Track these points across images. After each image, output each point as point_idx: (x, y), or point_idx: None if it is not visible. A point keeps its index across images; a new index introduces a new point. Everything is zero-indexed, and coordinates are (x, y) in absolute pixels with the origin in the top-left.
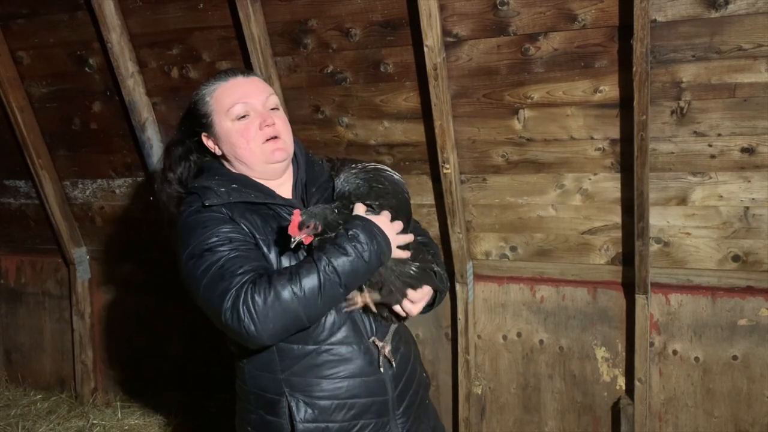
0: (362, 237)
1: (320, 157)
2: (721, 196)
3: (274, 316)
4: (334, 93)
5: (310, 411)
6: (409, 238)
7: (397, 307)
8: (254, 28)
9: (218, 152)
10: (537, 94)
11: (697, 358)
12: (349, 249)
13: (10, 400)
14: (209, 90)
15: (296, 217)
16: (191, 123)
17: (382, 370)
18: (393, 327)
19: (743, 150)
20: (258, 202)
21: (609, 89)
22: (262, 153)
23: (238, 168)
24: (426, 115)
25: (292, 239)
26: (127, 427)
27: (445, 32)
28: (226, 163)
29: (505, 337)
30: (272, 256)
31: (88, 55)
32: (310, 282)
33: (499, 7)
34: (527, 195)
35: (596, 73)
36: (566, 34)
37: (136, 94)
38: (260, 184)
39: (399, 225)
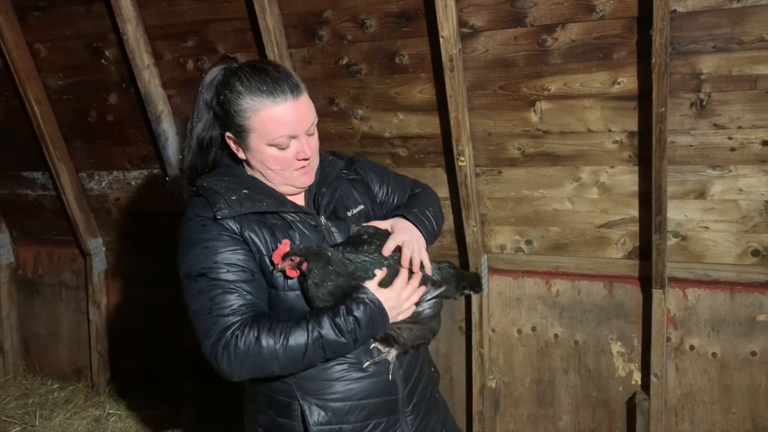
0: (362, 322)
1: (328, 151)
2: (741, 190)
3: (251, 366)
4: (348, 85)
5: (323, 414)
6: (420, 291)
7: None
8: (269, 19)
9: (241, 156)
10: (554, 86)
11: (714, 354)
12: (346, 333)
13: (28, 389)
14: (252, 105)
15: (284, 246)
16: (218, 117)
17: (390, 377)
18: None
19: (764, 143)
20: (269, 211)
21: (627, 81)
22: (291, 178)
23: (254, 173)
24: (441, 107)
25: (276, 266)
26: (142, 417)
27: (462, 23)
28: (243, 164)
29: (519, 331)
30: (277, 273)
31: (104, 47)
32: (295, 348)
33: None
34: (543, 188)
35: (614, 64)
36: (584, 25)
37: (152, 86)
38: (271, 189)
39: (414, 283)
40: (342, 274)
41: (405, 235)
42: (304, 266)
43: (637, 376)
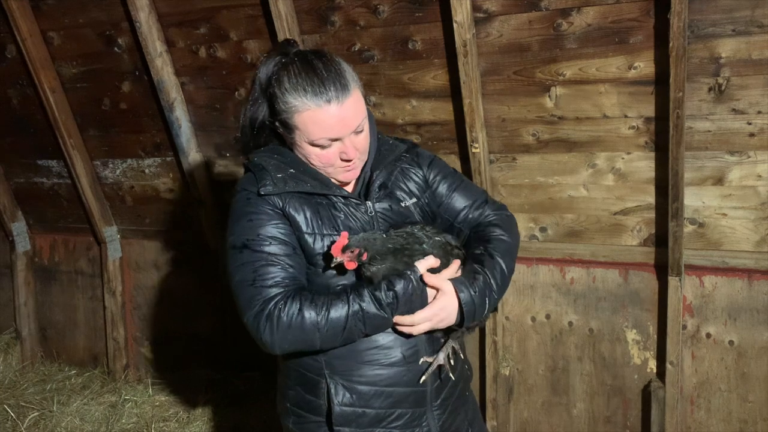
0: (401, 297)
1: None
2: (760, 176)
3: (293, 338)
4: (361, 71)
5: (348, 395)
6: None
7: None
8: (281, 5)
9: (288, 142)
10: (569, 70)
11: (731, 342)
12: (385, 306)
13: (46, 375)
14: (295, 105)
15: (342, 239)
16: (269, 106)
17: (450, 375)
18: (449, 343)
19: None
20: (314, 192)
21: (644, 65)
22: (334, 173)
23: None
24: (455, 93)
25: (334, 259)
26: (158, 403)
27: (475, 8)
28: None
29: (533, 319)
30: (317, 247)
31: (117, 35)
32: (336, 321)
33: None
34: (558, 175)
35: (631, 48)
36: (600, 8)
37: (165, 74)
38: (318, 173)
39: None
40: (400, 260)
41: (443, 311)
42: (365, 257)
43: (652, 364)
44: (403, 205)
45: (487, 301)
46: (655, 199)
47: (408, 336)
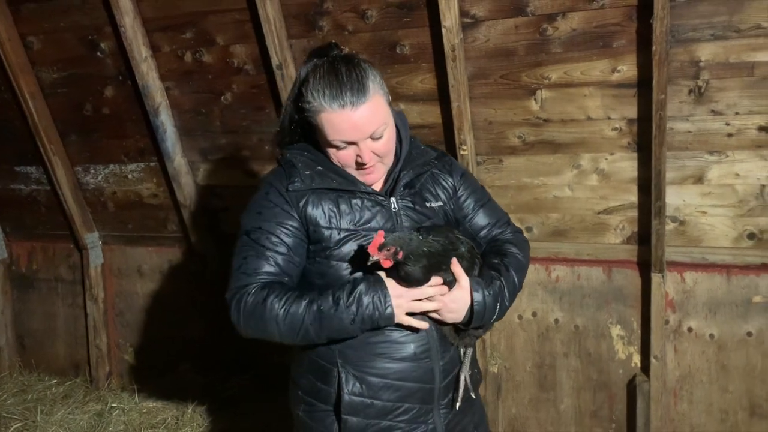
0: (364, 305)
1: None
2: (738, 175)
3: (255, 324)
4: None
5: (358, 385)
6: (429, 305)
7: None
8: (270, 10)
9: (315, 138)
10: (555, 74)
11: (711, 335)
12: (343, 308)
13: (26, 385)
14: (315, 106)
15: (379, 237)
16: (298, 106)
17: (458, 406)
18: (469, 351)
19: (760, 128)
20: (340, 189)
21: (627, 69)
22: (355, 173)
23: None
24: (442, 96)
25: (371, 258)
26: (145, 410)
27: (463, 13)
28: None
29: (520, 317)
30: (334, 240)
31: (100, 40)
32: (293, 315)
33: None
34: (543, 176)
35: (614, 52)
36: (585, 14)
37: (150, 79)
38: (345, 171)
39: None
40: (436, 254)
41: (454, 303)
42: (401, 255)
43: (636, 359)
44: (428, 205)
45: (497, 306)
46: (637, 198)
47: (416, 330)
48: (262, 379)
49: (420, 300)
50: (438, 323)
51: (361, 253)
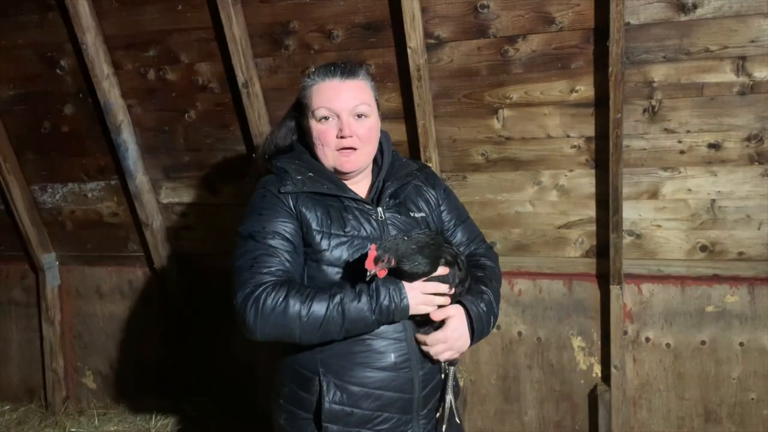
0: (382, 294)
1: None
2: (690, 190)
3: (274, 324)
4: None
5: (339, 394)
6: (440, 299)
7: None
8: (236, 29)
9: (307, 136)
10: (516, 94)
11: (668, 345)
12: (363, 298)
13: None
14: (310, 83)
15: (372, 252)
16: (298, 104)
17: (444, 429)
18: (451, 370)
19: (710, 146)
20: (329, 194)
21: (585, 89)
22: (334, 159)
23: (316, 158)
24: (408, 115)
25: (368, 273)
26: None
27: (427, 34)
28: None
29: None
30: (324, 245)
31: (60, 57)
32: (317, 312)
33: (480, 10)
34: (506, 192)
35: (572, 73)
36: (544, 36)
37: (112, 96)
38: (334, 176)
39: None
40: (426, 245)
41: (453, 332)
42: (393, 263)
43: (597, 369)
44: (412, 215)
45: (492, 318)
46: (595, 213)
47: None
48: (224, 399)
49: (432, 294)
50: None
51: (354, 269)
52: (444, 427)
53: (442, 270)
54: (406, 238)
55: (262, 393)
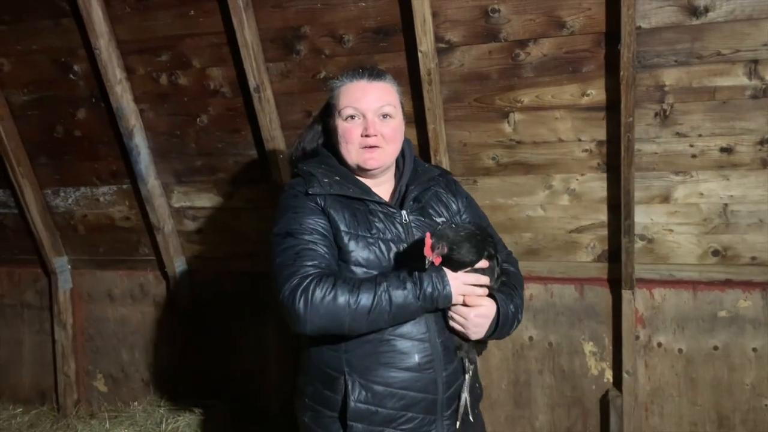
0: (425, 281)
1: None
2: (702, 194)
3: (325, 314)
4: (326, 98)
5: (364, 393)
6: (480, 290)
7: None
8: (247, 34)
9: (333, 136)
10: (527, 98)
11: (680, 350)
12: (408, 283)
13: None
14: (338, 84)
15: (428, 239)
16: (326, 106)
17: (458, 425)
18: (467, 376)
19: (722, 150)
20: (354, 197)
21: (596, 93)
22: (358, 157)
23: (341, 160)
24: (418, 119)
25: (427, 260)
26: None
27: (438, 38)
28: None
29: None
30: (351, 246)
31: (73, 62)
32: (365, 300)
33: (491, 15)
34: (516, 196)
35: (584, 77)
36: (555, 40)
37: (124, 101)
38: (358, 180)
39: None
40: (473, 235)
41: (480, 318)
42: (446, 249)
43: (609, 374)
44: (434, 219)
45: (516, 323)
46: (607, 218)
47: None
48: (235, 403)
49: (473, 284)
50: (456, 335)
51: (404, 255)
52: (458, 423)
53: (483, 263)
54: (453, 225)
55: (274, 396)
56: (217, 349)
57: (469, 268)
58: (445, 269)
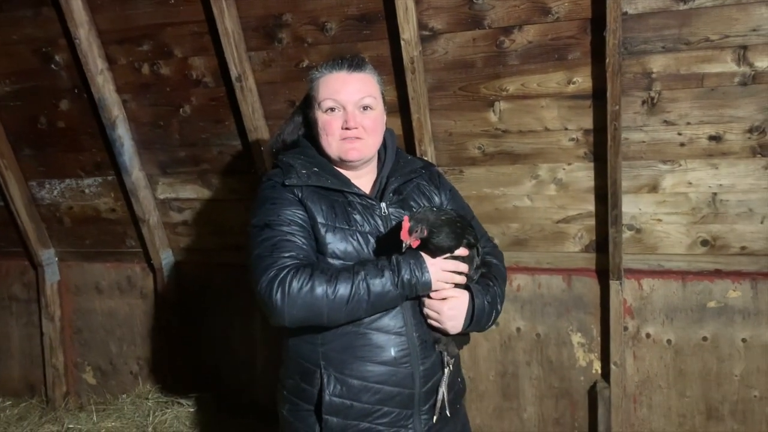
0: (403, 267)
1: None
2: (690, 183)
3: (302, 305)
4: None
5: (339, 387)
6: (459, 278)
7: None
8: (228, 23)
9: (315, 134)
10: (512, 86)
11: (669, 341)
12: (385, 270)
13: None
14: (318, 75)
15: (406, 223)
16: (306, 98)
17: (434, 419)
18: (447, 370)
19: (711, 138)
20: (332, 188)
21: (582, 80)
22: (338, 149)
23: (322, 152)
24: (403, 108)
25: (404, 243)
26: (104, 430)
27: (421, 26)
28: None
29: None
30: (329, 238)
31: (54, 52)
32: (343, 290)
33: (474, 1)
34: (503, 186)
35: (569, 64)
36: (540, 26)
37: (106, 92)
38: (338, 171)
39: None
40: (454, 221)
41: (453, 310)
42: (425, 233)
43: (597, 366)
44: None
45: (494, 313)
46: (594, 207)
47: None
48: (223, 395)
49: (451, 271)
50: (435, 331)
51: (383, 242)
52: (435, 418)
53: (463, 251)
54: (434, 209)
55: (262, 389)
56: (206, 341)
57: (448, 255)
58: (423, 255)
